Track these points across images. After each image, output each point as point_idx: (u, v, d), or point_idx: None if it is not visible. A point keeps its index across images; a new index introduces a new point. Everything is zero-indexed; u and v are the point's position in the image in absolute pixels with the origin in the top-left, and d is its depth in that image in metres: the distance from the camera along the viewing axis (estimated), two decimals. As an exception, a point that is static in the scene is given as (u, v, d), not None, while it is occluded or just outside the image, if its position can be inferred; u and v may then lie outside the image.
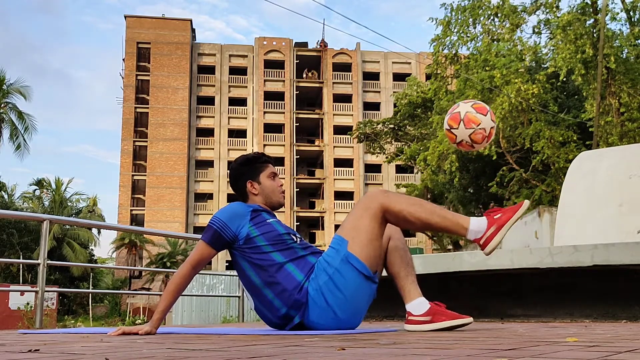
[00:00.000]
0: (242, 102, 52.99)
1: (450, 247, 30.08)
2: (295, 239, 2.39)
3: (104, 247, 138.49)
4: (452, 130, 2.50)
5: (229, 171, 2.67)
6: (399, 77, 52.64)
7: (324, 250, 2.43)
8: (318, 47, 54.39)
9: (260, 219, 2.37)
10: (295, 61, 53.18)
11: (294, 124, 52.30)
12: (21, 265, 32.00)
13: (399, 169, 49.91)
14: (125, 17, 52.44)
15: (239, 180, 2.52)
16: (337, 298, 2.27)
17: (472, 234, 2.25)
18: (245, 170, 2.53)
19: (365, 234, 2.30)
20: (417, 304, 2.34)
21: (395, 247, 2.46)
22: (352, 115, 52.12)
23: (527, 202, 2.30)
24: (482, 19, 17.60)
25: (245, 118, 52.50)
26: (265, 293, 2.33)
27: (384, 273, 2.48)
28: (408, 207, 2.29)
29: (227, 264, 42.96)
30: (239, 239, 2.32)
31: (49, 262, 4.29)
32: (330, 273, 2.27)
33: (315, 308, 2.28)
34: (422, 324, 2.30)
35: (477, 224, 2.26)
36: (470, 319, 2.36)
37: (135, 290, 38.97)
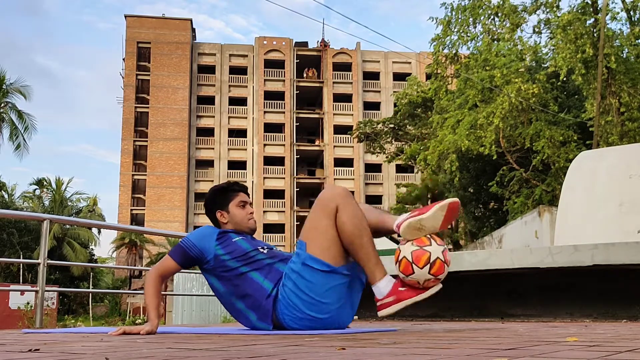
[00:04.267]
0: (242, 101, 52.98)
1: (450, 247, 30.06)
2: (263, 251, 2.47)
3: (104, 246, 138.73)
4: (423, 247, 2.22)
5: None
6: (399, 76, 52.61)
7: None
8: (318, 46, 54.36)
9: (226, 239, 2.49)
10: (295, 61, 53.15)
11: (294, 124, 52.28)
12: (21, 264, 31.95)
13: (399, 169, 49.90)
14: (125, 16, 52.46)
15: (210, 211, 2.65)
16: (306, 301, 2.31)
17: (376, 290, 2.26)
18: (216, 200, 2.63)
19: (324, 234, 2.31)
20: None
21: None
22: (352, 115, 52.09)
23: (438, 286, 2.22)
24: (482, 18, 17.59)
25: (246, 118, 52.49)
26: (237, 305, 2.46)
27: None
28: (350, 226, 2.27)
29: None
30: (209, 260, 2.45)
31: (49, 261, 4.28)
32: (294, 278, 2.32)
33: (288, 314, 2.34)
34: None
35: (384, 285, 2.25)
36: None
37: (135, 289, 38.95)
